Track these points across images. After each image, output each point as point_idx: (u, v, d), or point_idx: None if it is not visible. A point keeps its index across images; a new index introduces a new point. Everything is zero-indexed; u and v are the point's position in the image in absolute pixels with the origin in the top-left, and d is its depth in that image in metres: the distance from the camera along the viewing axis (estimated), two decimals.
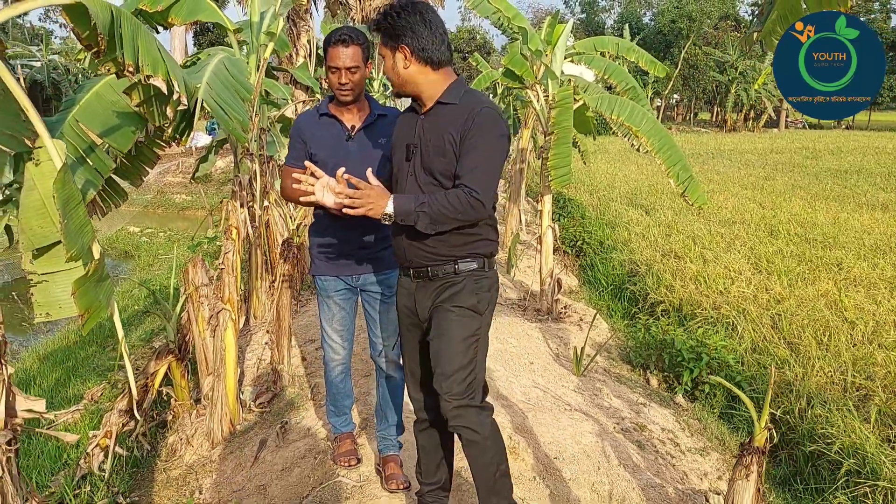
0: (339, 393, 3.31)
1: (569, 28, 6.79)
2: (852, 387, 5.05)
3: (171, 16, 3.78)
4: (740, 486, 2.80)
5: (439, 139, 2.38)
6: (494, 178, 2.39)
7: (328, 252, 3.01)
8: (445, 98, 2.41)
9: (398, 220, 2.31)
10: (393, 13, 2.37)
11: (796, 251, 8.78)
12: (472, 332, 2.45)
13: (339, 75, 2.80)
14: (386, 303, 3.04)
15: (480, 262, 2.48)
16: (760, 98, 42.56)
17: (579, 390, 4.86)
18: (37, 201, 2.14)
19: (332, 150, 2.86)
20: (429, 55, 2.37)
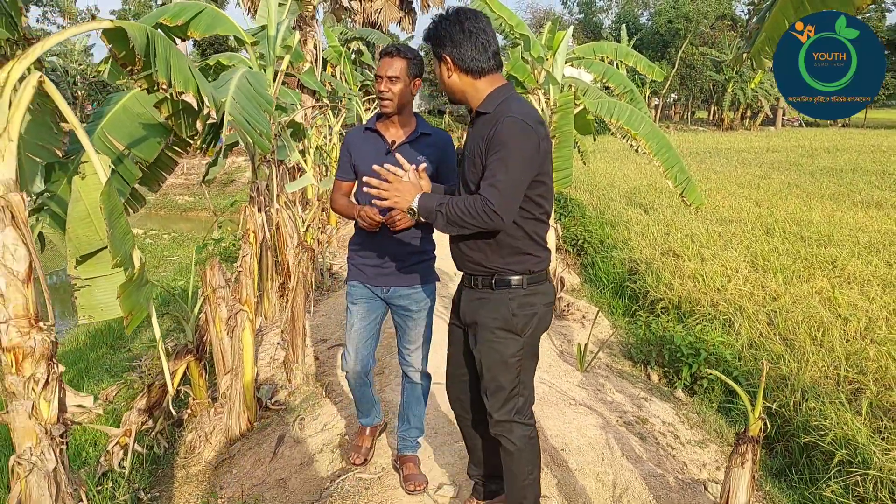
0: (359, 400, 3.45)
1: (569, 34, 6.96)
2: (845, 381, 5.22)
3: (191, 30, 3.94)
4: (736, 473, 2.97)
5: (473, 149, 2.44)
6: (513, 190, 2.33)
7: (363, 263, 3.16)
8: (482, 107, 2.45)
9: (422, 215, 2.41)
10: (437, 22, 2.46)
11: (792, 249, 8.95)
12: (513, 353, 2.50)
13: (381, 83, 2.94)
14: (413, 317, 3.18)
15: (520, 279, 2.50)
16: (757, 97, 42.77)
17: (583, 385, 5.03)
18: (82, 212, 2.31)
19: (371, 162, 2.99)
20: (468, 64, 2.42)
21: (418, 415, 3.34)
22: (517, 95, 2.53)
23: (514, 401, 2.55)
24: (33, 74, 2.04)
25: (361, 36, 15.48)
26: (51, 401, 2.06)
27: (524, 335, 2.52)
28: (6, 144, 1.98)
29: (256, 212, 3.94)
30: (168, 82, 2.55)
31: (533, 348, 2.59)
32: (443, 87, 2.54)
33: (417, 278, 3.14)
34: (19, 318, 2.01)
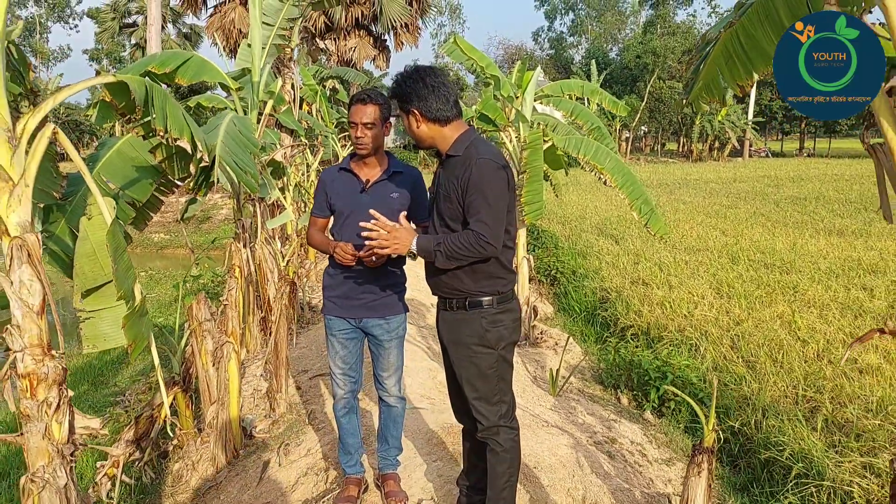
0: (343, 431, 3.55)
1: (538, 74, 7.31)
2: (803, 399, 5.50)
3: (178, 76, 4.18)
4: (693, 481, 3.20)
5: (447, 187, 2.75)
6: (499, 219, 2.67)
7: (337, 295, 3.35)
8: (452, 151, 2.79)
9: (421, 255, 2.73)
10: (401, 80, 2.79)
11: (755, 276, 9.30)
12: (490, 365, 2.82)
13: (357, 129, 3.17)
14: (385, 345, 3.39)
15: (490, 300, 2.80)
16: (724, 129, 43.84)
17: (555, 409, 5.25)
18: (89, 249, 2.52)
19: (347, 200, 3.23)
20: (434, 115, 2.75)
21: (396, 435, 3.54)
22: (481, 138, 2.87)
23: (497, 407, 2.85)
24: (48, 127, 2.27)
25: (337, 74, 15.82)
26: (62, 423, 2.26)
27: (497, 348, 2.83)
28: (23, 190, 2.20)
29: (242, 248, 4.15)
30: (165, 129, 2.79)
31: (506, 358, 2.89)
32: (412, 136, 2.86)
33: (388, 309, 3.35)
34: (34, 346, 2.21)
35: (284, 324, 4.67)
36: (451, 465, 3.82)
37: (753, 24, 2.28)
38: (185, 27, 46.07)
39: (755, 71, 2.34)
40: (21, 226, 2.20)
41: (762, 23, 2.24)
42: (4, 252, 2.21)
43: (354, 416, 3.56)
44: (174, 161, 3.21)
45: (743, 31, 2.31)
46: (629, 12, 67.21)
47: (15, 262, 2.18)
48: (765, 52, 2.30)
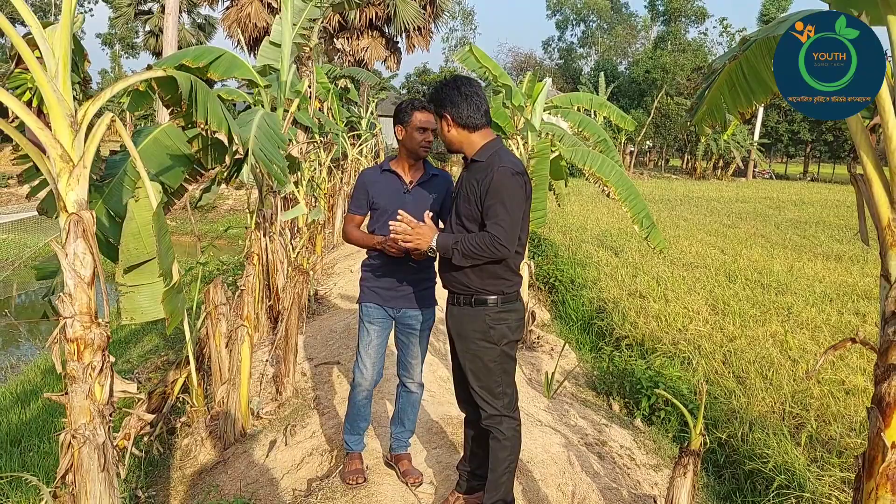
0: (358, 415, 3.77)
1: (548, 85, 7.52)
2: (789, 415, 5.71)
3: (211, 71, 4.38)
4: (679, 482, 3.40)
5: (468, 189, 2.98)
6: (514, 224, 2.89)
7: (378, 286, 3.59)
8: (477, 156, 3.02)
9: (440, 252, 2.94)
10: (439, 87, 3.03)
11: (751, 295, 9.51)
12: (492, 358, 3.04)
13: (427, 134, 3.42)
14: (418, 335, 3.65)
15: (495, 299, 3.02)
16: (729, 148, 44.05)
17: (549, 410, 5.45)
18: (134, 229, 2.73)
19: (391, 199, 3.46)
20: (465, 121, 2.99)
21: (412, 419, 3.77)
22: (505, 148, 3.11)
23: (500, 398, 3.07)
24: (106, 115, 2.47)
25: (349, 74, 16.04)
26: (104, 385, 2.46)
27: (500, 344, 3.05)
28: (82, 171, 2.40)
29: (262, 236, 4.35)
30: (205, 122, 3.00)
31: (508, 354, 3.10)
32: (443, 138, 3.10)
33: (424, 301, 3.62)
34: (83, 314, 2.42)
35: (296, 311, 4.87)
36: (451, 452, 4.03)
37: (756, 57, 2.49)
38: (200, 17, 46.27)
39: (755, 100, 2.55)
40: (78, 203, 2.41)
41: (764, 57, 2.45)
42: (62, 226, 2.41)
43: (370, 404, 3.79)
44: (209, 152, 3.41)
45: (746, 63, 2.52)
46: (640, 27, 67.56)
47: (71, 235, 2.38)
48: (765, 84, 2.50)
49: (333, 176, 12.48)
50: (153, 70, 2.81)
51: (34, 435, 5.91)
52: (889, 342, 1.87)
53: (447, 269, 3.05)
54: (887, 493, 1.80)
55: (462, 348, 3.10)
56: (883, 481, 1.80)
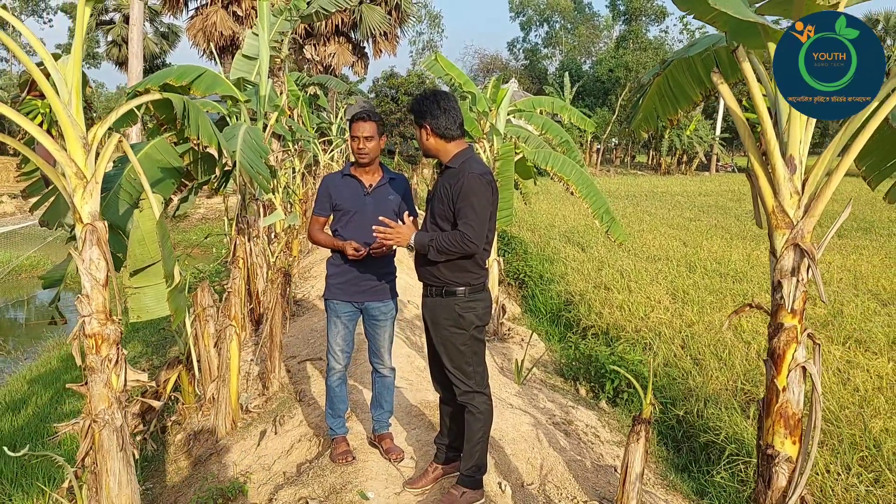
0: (335, 397, 4.14)
1: (512, 88, 7.93)
2: (741, 392, 6.16)
3: (193, 89, 4.71)
4: (633, 447, 3.79)
5: (442, 192, 3.35)
6: (482, 223, 3.26)
7: (342, 282, 3.95)
8: (450, 163, 3.39)
9: (417, 249, 3.31)
10: (419, 99, 3.40)
11: (710, 284, 9.99)
12: (463, 342, 3.43)
13: (359, 142, 3.79)
14: (381, 324, 4.02)
15: (464, 290, 3.40)
16: (692, 143, 45.00)
17: (519, 395, 5.84)
18: (139, 236, 3.06)
19: (352, 202, 3.83)
20: (442, 132, 3.36)
21: (389, 400, 4.14)
22: (475, 156, 3.51)
23: (472, 377, 3.47)
24: (114, 136, 2.80)
25: (318, 81, 16.32)
26: (119, 375, 2.79)
27: (469, 329, 3.44)
28: (94, 186, 2.73)
29: (246, 241, 4.68)
30: (197, 138, 3.33)
31: (477, 338, 3.49)
32: (421, 146, 3.46)
33: (386, 294, 4.00)
34: (99, 312, 2.74)
35: (279, 310, 5.20)
36: (429, 431, 4.40)
37: (680, 72, 2.89)
38: (163, 26, 46.07)
39: (679, 108, 2.96)
40: (92, 215, 2.73)
41: (684, 72, 2.85)
42: (78, 235, 2.74)
43: (345, 385, 4.17)
44: (198, 165, 3.74)
45: (671, 78, 2.91)
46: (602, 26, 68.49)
47: (87, 243, 2.71)
48: (686, 94, 2.91)
49: (306, 182, 12.79)
50: (151, 94, 3.14)
51: (28, 440, 6.15)
52: (777, 305, 2.28)
53: (422, 263, 3.43)
54: (781, 428, 2.19)
55: (436, 334, 3.48)
56: (777, 418, 2.20)
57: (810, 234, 2.22)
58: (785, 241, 2.21)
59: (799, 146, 2.19)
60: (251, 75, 6.94)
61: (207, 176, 3.82)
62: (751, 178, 2.28)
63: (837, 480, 4.46)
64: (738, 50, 2.24)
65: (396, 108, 37.90)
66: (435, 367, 3.72)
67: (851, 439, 4.92)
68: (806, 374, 2.21)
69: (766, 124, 2.17)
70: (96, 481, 2.83)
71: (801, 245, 2.17)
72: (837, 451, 4.79)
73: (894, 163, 3.01)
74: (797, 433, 2.21)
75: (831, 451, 4.81)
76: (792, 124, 2.19)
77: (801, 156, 2.21)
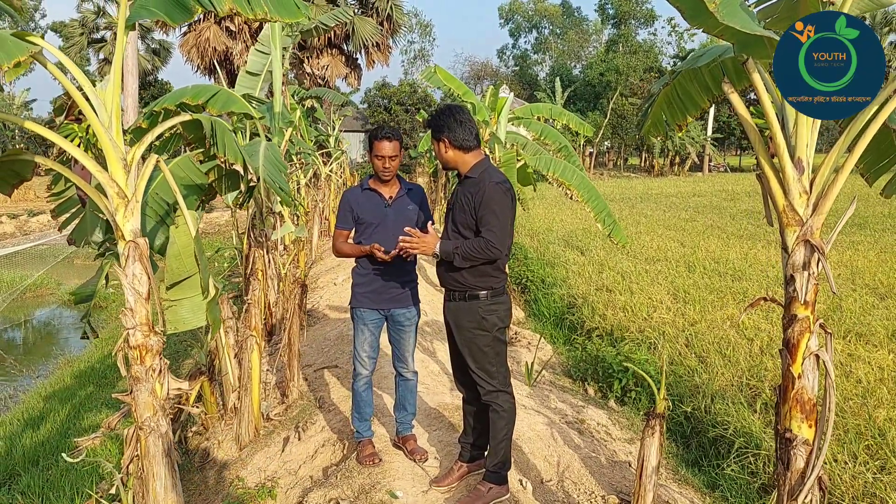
0: (362, 401, 4.28)
1: (510, 101, 8.10)
2: (746, 387, 6.31)
3: (209, 107, 4.84)
4: (648, 441, 3.94)
5: (463, 201, 3.50)
6: (504, 229, 3.41)
7: (369, 290, 4.10)
8: (470, 173, 3.55)
9: (442, 256, 3.46)
10: (436, 114, 3.57)
11: (709, 283, 10.16)
12: (486, 343, 3.57)
13: (385, 161, 3.96)
14: (407, 329, 4.17)
15: (486, 294, 3.54)
16: (684, 144, 45.35)
17: (531, 396, 5.99)
18: (176, 251, 3.19)
19: (374, 214, 3.99)
20: (460, 143, 3.52)
21: (412, 402, 4.27)
22: (493, 165, 3.67)
23: (495, 377, 3.60)
24: (152, 157, 2.95)
25: (315, 94, 16.49)
26: (163, 384, 2.92)
27: (492, 331, 3.58)
28: (135, 205, 2.87)
29: (265, 253, 4.82)
30: (224, 156, 3.48)
31: (499, 339, 3.63)
32: (440, 158, 3.61)
33: (410, 300, 4.15)
34: (142, 324, 2.88)
35: (297, 320, 5.33)
36: (450, 432, 4.53)
37: (688, 81, 3.05)
38: (154, 43, 46.22)
39: (688, 114, 3.12)
40: (133, 232, 2.87)
41: (692, 81, 3.01)
42: (121, 252, 2.88)
43: (371, 390, 4.31)
44: (223, 181, 3.89)
45: (679, 86, 3.08)
46: (592, 31, 68.97)
47: (130, 259, 2.85)
48: (695, 102, 3.07)
49: (309, 194, 12.94)
50: (181, 115, 3.29)
51: (49, 455, 6.26)
52: (790, 298, 2.44)
53: (445, 269, 3.57)
54: (798, 413, 2.34)
55: (460, 337, 3.62)
56: (794, 404, 2.34)
57: (819, 230, 2.37)
58: (796, 237, 2.37)
59: (806, 148, 2.35)
60: (255, 91, 7.09)
61: (231, 191, 3.97)
62: (761, 179, 2.43)
63: (845, 469, 4.60)
64: (748, 62, 2.39)
65: (389, 118, 38.07)
66: (458, 369, 3.86)
67: (857, 429, 5.07)
68: (819, 362, 2.36)
69: (775, 129, 2.32)
70: (143, 486, 2.96)
71: (812, 241, 2.32)
72: (844, 441, 4.94)
73: (890, 160, 3.18)
74: (812, 417, 2.36)
75: (838, 440, 4.95)
76: (799, 128, 2.34)
77: (808, 157, 2.36)
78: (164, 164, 2.98)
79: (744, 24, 2.13)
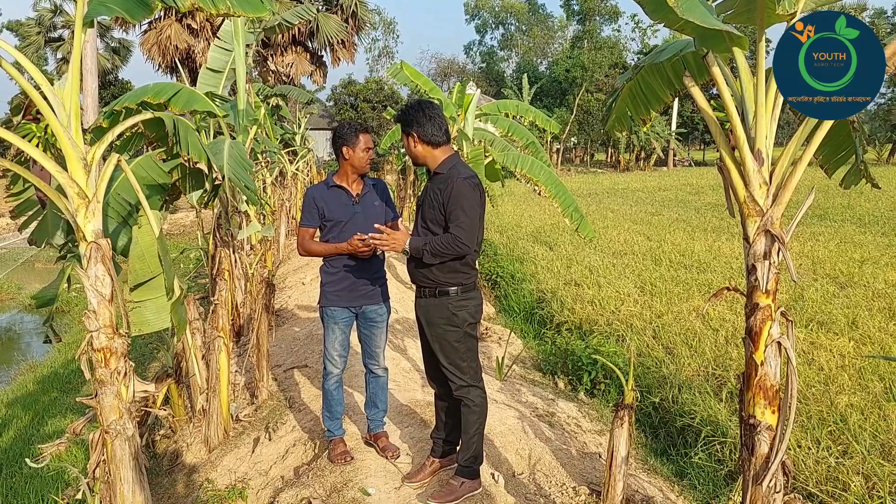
0: (333, 400, 4.25)
1: (476, 98, 8.11)
2: (713, 376, 6.41)
3: (171, 106, 4.77)
4: (617, 432, 3.98)
5: (432, 197, 3.49)
6: (472, 225, 3.41)
7: (339, 289, 4.06)
8: (439, 169, 3.54)
9: (412, 253, 3.44)
10: (406, 109, 3.55)
11: (675, 276, 10.30)
12: (457, 339, 3.58)
13: (371, 153, 3.96)
14: (378, 326, 4.15)
15: (457, 290, 3.55)
16: (649, 140, 45.85)
17: (502, 391, 6.01)
18: (139, 252, 3.14)
19: (342, 212, 3.96)
20: (429, 139, 3.51)
21: (383, 399, 4.26)
22: (462, 161, 3.65)
23: (466, 372, 3.61)
24: (114, 155, 2.90)
25: (280, 92, 16.35)
26: (128, 386, 2.88)
27: (462, 327, 3.58)
28: (96, 205, 2.83)
29: (231, 253, 4.77)
30: (188, 154, 3.43)
31: (470, 334, 3.64)
32: (409, 154, 3.59)
33: (381, 297, 4.13)
34: (106, 327, 2.83)
35: (265, 320, 5.29)
36: (421, 428, 4.54)
37: (651, 75, 3.08)
38: (114, 41, 45.46)
39: (651, 108, 3.15)
40: (95, 233, 2.83)
41: (655, 76, 3.05)
42: (82, 254, 2.83)
43: (342, 388, 4.29)
44: (187, 180, 3.83)
45: (643, 81, 3.11)
46: (557, 27, 69.35)
47: (92, 261, 2.80)
48: (658, 96, 3.11)
49: (275, 193, 12.83)
50: (143, 114, 3.24)
51: (13, 462, 6.13)
52: (752, 287, 2.48)
53: (415, 266, 3.57)
54: (761, 399, 2.39)
55: (430, 332, 3.62)
56: (757, 391, 2.39)
57: (779, 220, 2.42)
58: (756, 227, 2.41)
59: (766, 140, 2.39)
60: (218, 89, 7.00)
61: (195, 190, 3.92)
62: (723, 171, 2.47)
63: (809, 454, 4.70)
64: (708, 56, 2.43)
65: (356, 116, 37.91)
66: (430, 364, 3.86)
67: (820, 415, 5.18)
68: (781, 349, 2.41)
69: (735, 122, 2.36)
70: (110, 490, 2.92)
71: (772, 231, 2.37)
72: (807, 427, 5.04)
73: (847, 152, 3.25)
74: (775, 403, 2.41)
75: (802, 427, 5.06)
76: (758, 121, 2.38)
77: (767, 149, 2.41)
78: (126, 164, 2.93)
79: (703, 19, 2.16)
